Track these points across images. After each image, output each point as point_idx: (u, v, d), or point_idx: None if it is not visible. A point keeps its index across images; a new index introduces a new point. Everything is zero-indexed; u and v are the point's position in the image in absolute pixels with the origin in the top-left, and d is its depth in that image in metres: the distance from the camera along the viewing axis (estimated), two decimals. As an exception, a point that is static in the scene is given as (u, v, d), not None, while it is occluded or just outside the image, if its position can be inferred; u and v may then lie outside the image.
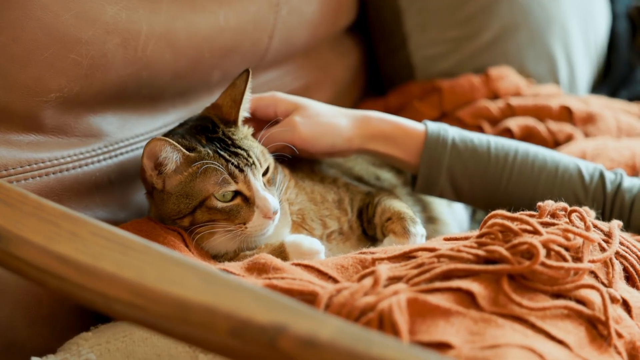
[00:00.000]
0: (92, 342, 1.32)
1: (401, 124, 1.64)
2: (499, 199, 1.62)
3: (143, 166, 1.46)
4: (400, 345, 0.93)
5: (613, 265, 1.27)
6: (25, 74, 1.39)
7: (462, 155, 1.61)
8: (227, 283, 1.03)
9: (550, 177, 1.60)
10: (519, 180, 1.61)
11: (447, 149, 1.61)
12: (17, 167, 1.41)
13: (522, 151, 1.63)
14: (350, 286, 1.15)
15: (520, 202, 1.57)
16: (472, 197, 1.66)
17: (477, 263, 1.19)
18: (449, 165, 1.60)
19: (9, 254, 1.08)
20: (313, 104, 1.63)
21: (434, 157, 1.60)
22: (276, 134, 1.57)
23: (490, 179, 1.61)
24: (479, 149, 1.62)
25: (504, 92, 2.23)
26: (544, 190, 1.59)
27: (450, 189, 1.64)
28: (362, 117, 1.64)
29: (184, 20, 1.67)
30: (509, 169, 1.61)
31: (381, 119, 1.64)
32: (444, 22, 2.34)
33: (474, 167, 1.61)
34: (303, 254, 1.43)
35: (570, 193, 1.59)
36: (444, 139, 1.61)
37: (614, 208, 1.58)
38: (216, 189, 1.42)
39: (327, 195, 1.59)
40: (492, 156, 1.61)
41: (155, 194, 1.49)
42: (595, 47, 2.56)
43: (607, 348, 1.14)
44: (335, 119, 1.61)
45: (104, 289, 1.03)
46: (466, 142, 1.62)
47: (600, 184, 1.59)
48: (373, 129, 1.63)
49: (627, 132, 2.11)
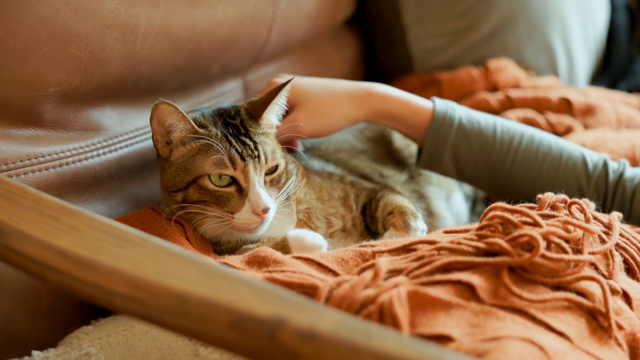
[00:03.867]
0: (92, 335, 1.32)
1: (408, 101, 1.63)
2: (501, 181, 1.62)
3: (152, 129, 1.47)
4: (400, 338, 0.93)
5: (613, 257, 1.27)
6: (24, 68, 1.39)
7: (468, 136, 1.61)
8: (226, 276, 1.03)
9: (554, 163, 1.60)
10: (523, 165, 1.61)
11: (454, 128, 1.60)
12: (16, 162, 1.41)
13: (528, 136, 1.62)
14: (351, 279, 1.15)
15: (522, 187, 1.57)
16: (474, 178, 1.66)
17: (477, 255, 1.19)
18: (454, 144, 1.60)
19: (9, 248, 1.07)
20: (313, 96, 1.62)
21: (439, 135, 1.60)
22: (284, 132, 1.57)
23: (494, 161, 1.61)
24: (485, 130, 1.62)
25: (503, 84, 2.23)
26: (547, 176, 1.60)
27: (454, 168, 1.64)
28: (366, 96, 1.63)
29: (183, 14, 1.66)
30: (513, 153, 1.61)
31: (386, 96, 1.63)
32: (443, 14, 2.34)
33: (479, 149, 1.61)
34: (305, 249, 1.42)
35: (573, 180, 1.59)
36: (451, 117, 1.61)
37: (615, 197, 1.58)
38: (212, 169, 1.42)
39: (333, 193, 1.59)
40: (497, 139, 1.61)
41: (159, 161, 1.50)
42: (594, 38, 2.56)
43: (608, 340, 1.14)
44: (338, 105, 1.62)
45: (103, 283, 1.03)
46: (473, 123, 1.62)
47: (603, 173, 1.59)
48: (378, 108, 1.62)
49: (627, 123, 2.11)
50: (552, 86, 2.25)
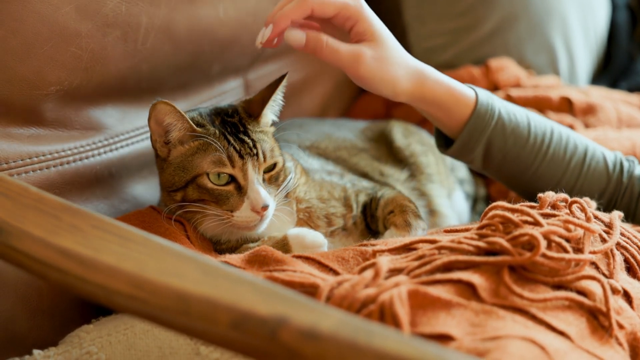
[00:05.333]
0: (93, 334, 1.32)
1: (454, 88, 1.53)
2: (525, 178, 1.58)
3: (150, 129, 1.46)
4: (402, 337, 0.93)
5: (614, 256, 1.27)
6: (25, 67, 1.39)
7: (505, 130, 1.55)
8: (227, 275, 1.03)
9: (578, 164, 1.57)
10: (550, 165, 1.57)
11: (494, 121, 1.54)
12: (17, 160, 1.41)
13: (557, 134, 1.58)
14: (351, 278, 1.15)
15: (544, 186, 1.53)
16: (498, 171, 1.60)
17: (477, 255, 1.19)
18: (491, 136, 1.54)
19: (10, 247, 1.08)
20: (389, 43, 1.47)
21: (478, 128, 1.53)
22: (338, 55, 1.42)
23: (524, 158, 1.56)
24: (520, 125, 1.56)
25: (504, 83, 2.23)
26: (571, 177, 1.57)
27: (481, 159, 1.57)
28: (419, 76, 1.50)
29: (184, 13, 1.66)
30: (543, 153, 1.56)
31: (436, 81, 1.52)
32: (443, 13, 2.34)
33: (513, 144, 1.55)
34: (306, 247, 1.42)
35: (596, 179, 1.57)
36: (492, 110, 1.54)
37: (624, 197, 1.57)
38: (211, 168, 1.42)
39: (334, 192, 1.59)
40: (531, 137, 1.56)
41: (158, 161, 1.50)
42: (595, 38, 2.56)
43: (608, 339, 1.14)
44: (398, 71, 1.47)
45: (104, 282, 1.03)
46: (510, 116, 1.56)
47: (620, 173, 1.58)
48: (426, 92, 1.51)
49: (627, 122, 2.11)
50: (553, 85, 2.25)
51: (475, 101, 1.53)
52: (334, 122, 2.02)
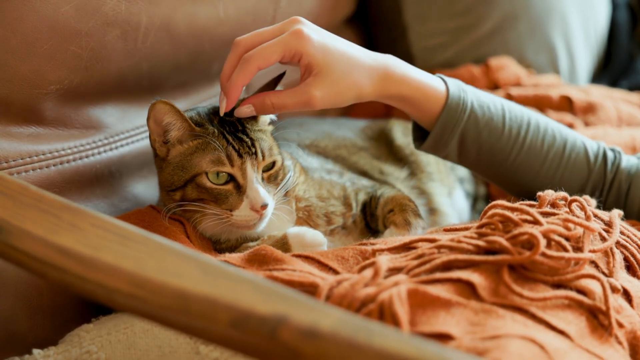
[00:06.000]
0: (93, 334, 1.32)
1: (422, 83, 1.51)
2: (503, 170, 1.57)
3: (149, 129, 1.46)
4: (401, 336, 0.93)
5: (614, 254, 1.27)
6: (25, 66, 1.39)
7: (479, 123, 1.53)
8: (227, 274, 1.03)
9: (557, 155, 1.56)
10: (528, 156, 1.55)
11: (466, 114, 1.52)
12: (17, 159, 1.41)
13: (534, 123, 1.57)
14: (351, 277, 1.15)
15: (524, 177, 1.53)
16: (476, 164, 1.59)
17: (477, 254, 1.19)
18: (464, 130, 1.53)
19: (10, 245, 1.08)
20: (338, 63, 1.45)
21: (451, 121, 1.52)
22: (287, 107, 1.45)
23: (500, 150, 1.55)
24: (495, 117, 1.54)
25: (504, 82, 2.23)
26: (549, 168, 1.56)
27: (456, 153, 1.56)
28: (383, 75, 1.48)
29: (184, 12, 1.66)
30: (519, 144, 1.55)
31: (403, 78, 1.50)
32: (444, 12, 2.34)
33: (487, 136, 1.54)
34: (306, 246, 1.42)
35: (576, 172, 1.56)
36: (464, 103, 1.52)
37: (611, 191, 1.55)
38: (210, 167, 1.42)
39: (333, 191, 1.58)
40: (506, 128, 1.54)
41: (157, 160, 1.50)
42: (595, 37, 2.56)
43: (608, 338, 1.14)
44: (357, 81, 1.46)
45: (104, 281, 1.03)
46: (484, 108, 1.54)
47: (602, 165, 1.57)
48: (392, 90, 1.49)
49: (628, 121, 2.11)
50: (553, 84, 2.25)
51: (445, 95, 1.52)
52: (334, 121, 2.02)
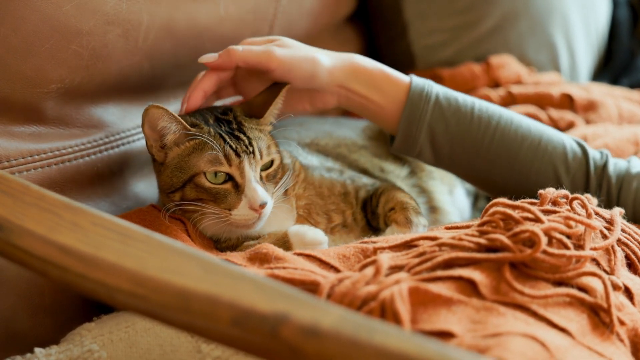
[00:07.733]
0: (94, 332, 1.32)
1: (386, 71, 1.57)
2: (478, 164, 1.57)
3: (145, 135, 1.46)
4: (403, 334, 0.93)
5: (615, 252, 1.27)
6: (26, 65, 1.39)
7: (445, 113, 1.54)
8: (228, 272, 1.03)
9: (532, 146, 1.55)
10: (500, 146, 1.55)
11: (431, 104, 1.54)
12: (18, 158, 1.41)
13: (506, 117, 1.57)
14: (352, 275, 1.15)
15: (499, 171, 1.54)
16: (451, 160, 1.59)
17: (478, 251, 1.19)
18: (431, 121, 1.54)
19: (11, 244, 1.08)
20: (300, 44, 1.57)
21: (416, 111, 1.54)
22: (251, 54, 1.51)
23: (471, 141, 1.55)
24: (462, 108, 1.56)
25: (505, 80, 2.23)
26: (525, 160, 1.55)
27: (430, 149, 1.57)
28: (345, 56, 1.57)
29: (185, 10, 1.66)
30: (491, 133, 1.55)
31: (366, 59, 1.58)
32: (444, 10, 2.34)
33: (456, 127, 1.55)
34: (306, 244, 1.43)
35: (551, 166, 1.55)
36: (428, 93, 1.55)
37: (600, 192, 1.55)
38: (208, 167, 1.42)
39: (333, 189, 1.58)
40: (475, 117, 1.55)
41: (155, 164, 1.50)
42: (596, 34, 2.56)
43: (609, 335, 1.14)
44: (317, 52, 1.55)
45: (105, 279, 1.03)
46: (450, 100, 1.56)
47: (584, 161, 1.56)
48: (356, 67, 1.55)
49: (629, 119, 2.11)
50: (554, 82, 2.25)
51: (409, 84, 1.56)
52: (335, 120, 2.02)
